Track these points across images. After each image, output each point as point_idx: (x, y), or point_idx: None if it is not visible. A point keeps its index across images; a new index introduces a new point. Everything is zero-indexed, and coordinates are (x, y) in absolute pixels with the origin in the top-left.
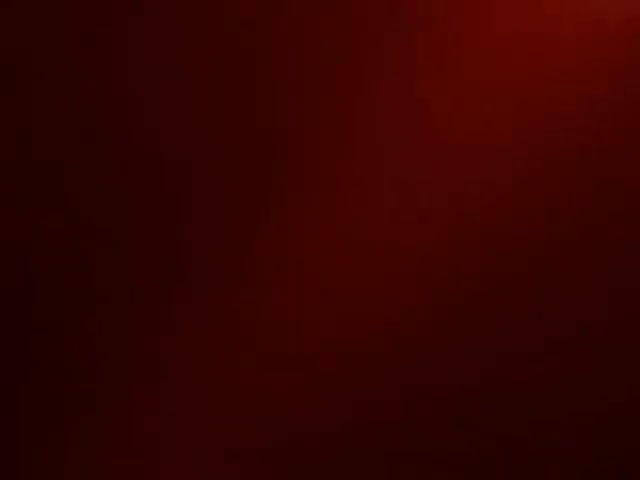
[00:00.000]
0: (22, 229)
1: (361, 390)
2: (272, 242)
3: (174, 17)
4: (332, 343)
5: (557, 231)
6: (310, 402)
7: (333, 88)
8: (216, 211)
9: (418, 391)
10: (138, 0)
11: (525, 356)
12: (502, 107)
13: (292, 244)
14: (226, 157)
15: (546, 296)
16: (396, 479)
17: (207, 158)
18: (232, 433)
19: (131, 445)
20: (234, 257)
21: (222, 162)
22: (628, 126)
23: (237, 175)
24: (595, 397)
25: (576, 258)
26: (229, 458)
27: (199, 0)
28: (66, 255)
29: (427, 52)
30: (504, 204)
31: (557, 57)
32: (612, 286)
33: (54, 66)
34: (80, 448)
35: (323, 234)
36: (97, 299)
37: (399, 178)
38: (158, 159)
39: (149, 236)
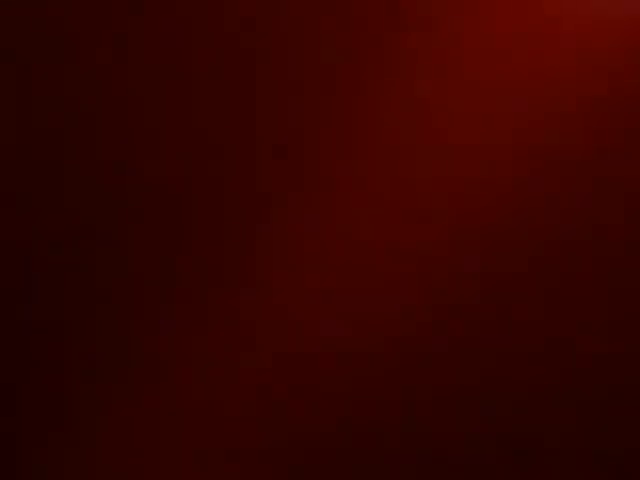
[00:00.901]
0: (22, 229)
1: (361, 390)
2: (272, 242)
3: (174, 17)
4: (332, 343)
5: (557, 231)
6: (310, 402)
7: (333, 88)
8: (216, 211)
9: (418, 391)
10: (138, 0)
11: (525, 356)
12: (502, 107)
13: (292, 244)
14: (226, 157)
15: (546, 296)
16: (396, 479)
17: (207, 158)
18: (232, 433)
19: (131, 445)
20: (234, 257)
21: (222, 162)
22: (628, 126)
23: (237, 175)
24: (595, 397)
25: (576, 258)
26: (229, 458)
27: (199, 0)
28: (66, 255)
29: (427, 52)
30: (504, 204)
31: (557, 57)
32: (612, 286)
33: (54, 66)
34: (80, 448)
35: (323, 234)
36: (97, 299)
37: (399, 178)
38: (158, 159)
39: (149, 236)
